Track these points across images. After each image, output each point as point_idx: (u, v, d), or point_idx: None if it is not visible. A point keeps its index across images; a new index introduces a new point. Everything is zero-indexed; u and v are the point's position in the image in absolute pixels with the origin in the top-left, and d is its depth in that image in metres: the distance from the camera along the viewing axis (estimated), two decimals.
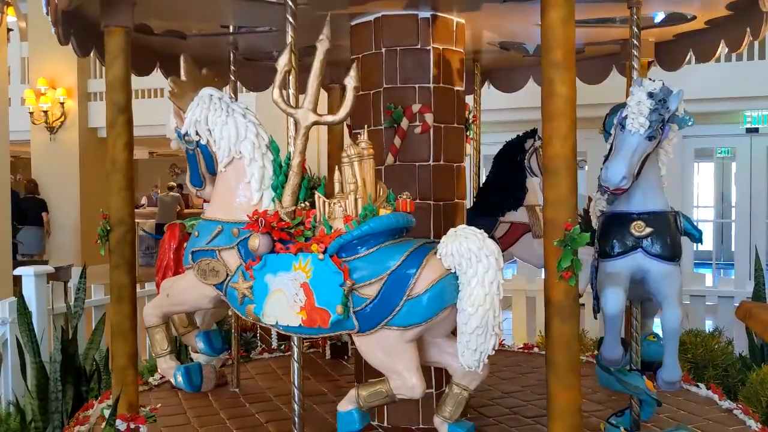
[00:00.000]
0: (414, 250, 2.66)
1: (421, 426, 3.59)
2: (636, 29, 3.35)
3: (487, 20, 3.94)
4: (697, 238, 3.29)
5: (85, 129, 11.79)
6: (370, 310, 2.63)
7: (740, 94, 8.32)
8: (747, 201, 9.78)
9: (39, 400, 4.05)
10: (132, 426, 3.45)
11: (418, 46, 3.62)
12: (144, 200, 15.93)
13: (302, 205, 2.85)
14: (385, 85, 3.62)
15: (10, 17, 5.91)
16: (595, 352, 3.57)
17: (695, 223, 3.42)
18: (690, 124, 3.09)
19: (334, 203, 2.74)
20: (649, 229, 2.92)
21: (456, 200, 3.82)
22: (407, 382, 2.65)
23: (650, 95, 2.81)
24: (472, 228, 2.66)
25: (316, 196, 2.80)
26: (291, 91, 2.94)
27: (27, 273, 4.54)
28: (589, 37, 4.30)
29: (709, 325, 5.51)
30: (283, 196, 2.88)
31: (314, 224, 2.78)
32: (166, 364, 3.26)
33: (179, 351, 4.62)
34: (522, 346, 5.43)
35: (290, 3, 3.00)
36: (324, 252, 2.64)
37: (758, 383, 4.11)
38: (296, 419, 2.99)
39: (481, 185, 5.20)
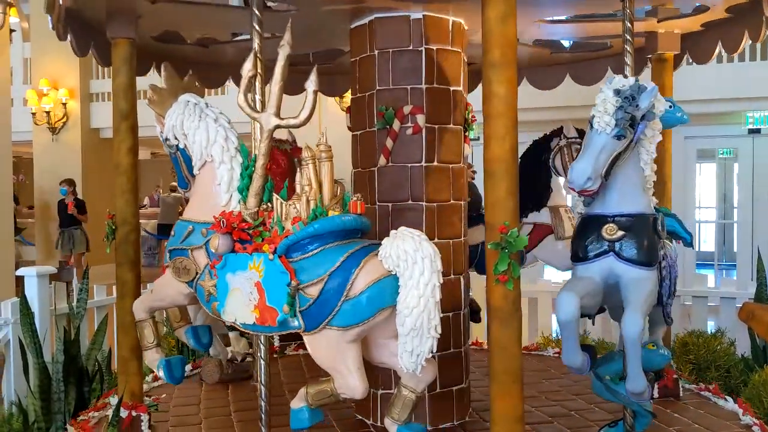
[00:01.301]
0: (355, 251, 2.68)
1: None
2: (629, 23, 3.25)
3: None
4: (689, 242, 3.20)
5: (87, 129, 11.82)
6: (313, 310, 2.66)
7: (742, 95, 8.30)
8: (749, 202, 9.78)
9: (42, 401, 4.07)
10: (134, 414, 3.55)
11: (410, 47, 3.60)
12: (146, 201, 15.95)
13: (265, 206, 2.94)
14: (377, 87, 3.63)
15: (13, 18, 5.92)
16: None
17: (686, 226, 3.32)
18: (681, 122, 3.05)
19: (290, 205, 2.80)
20: (621, 233, 2.80)
21: (452, 201, 3.76)
22: (348, 382, 2.69)
23: (617, 92, 2.72)
24: (411, 229, 2.67)
25: (274, 198, 2.87)
26: (258, 96, 3.06)
27: (29, 273, 4.56)
28: (603, 31, 4.20)
29: (711, 326, 5.53)
30: (248, 197, 2.99)
31: (272, 225, 2.84)
32: (152, 357, 3.34)
33: (180, 345, 4.70)
34: (523, 348, 5.42)
35: (255, 11, 3.11)
36: (274, 252, 2.71)
37: (760, 384, 4.11)
38: (262, 415, 3.16)
39: None
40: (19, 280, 4.91)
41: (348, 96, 4.55)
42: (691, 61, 4.34)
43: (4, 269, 5.19)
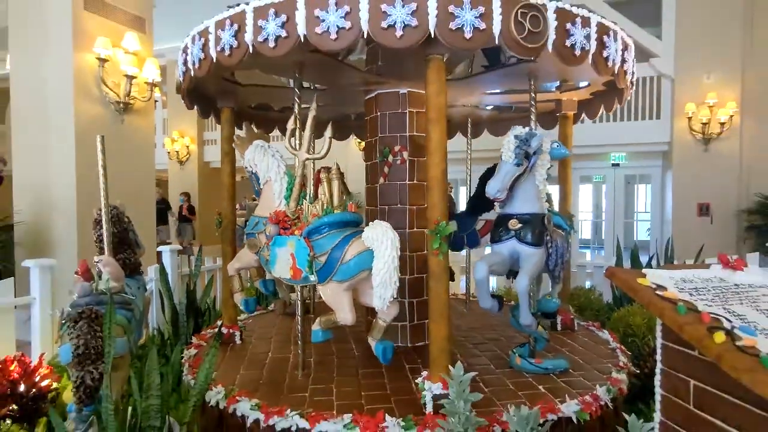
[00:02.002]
0: (347, 234, 2.72)
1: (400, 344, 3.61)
2: (533, 94, 3.18)
3: (450, 93, 3.82)
4: (567, 230, 3.11)
5: (202, 162, 11.93)
6: (323, 270, 2.71)
7: (608, 142, 8.38)
8: (612, 208, 9.88)
9: (172, 327, 4.14)
10: (231, 331, 3.71)
11: (400, 111, 3.61)
12: (238, 206, 16.00)
13: (300, 207, 2.99)
14: (379, 135, 3.66)
15: (157, 94, 6.03)
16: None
17: (572, 222, 3.31)
18: (565, 155, 2.96)
19: (312, 206, 2.88)
20: (520, 225, 2.80)
21: (426, 205, 3.62)
22: (342, 315, 2.75)
23: (515, 137, 2.72)
24: (382, 222, 2.69)
25: (304, 203, 2.96)
26: (297, 140, 3.06)
27: (165, 249, 4.64)
28: (537, 98, 3.94)
29: (588, 284, 5.56)
30: (289, 202, 3.08)
31: (303, 219, 2.90)
32: (237, 297, 3.53)
33: (257, 291, 4.64)
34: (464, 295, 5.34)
35: (296, 90, 3.12)
36: (301, 235, 2.77)
37: (618, 319, 4.14)
38: (299, 334, 3.13)
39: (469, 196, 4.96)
40: (159, 254, 5.01)
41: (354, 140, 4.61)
42: (583, 119, 4.15)
43: (150, 246, 5.26)
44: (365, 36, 2.24)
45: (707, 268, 1.67)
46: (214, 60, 2.65)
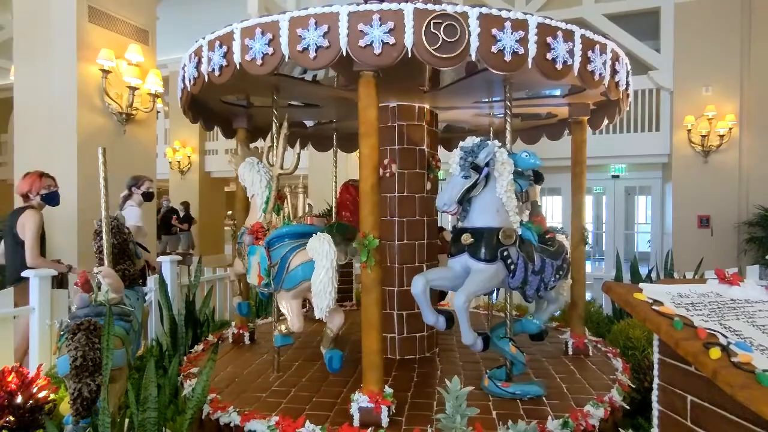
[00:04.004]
0: (294, 245, 2.81)
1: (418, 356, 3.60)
2: (509, 102, 2.99)
3: (446, 103, 3.73)
4: (533, 243, 2.80)
5: (203, 172, 11.98)
6: (275, 278, 2.84)
7: (608, 154, 8.41)
8: (612, 220, 9.88)
9: (170, 338, 4.10)
10: (241, 331, 4.01)
11: (389, 124, 3.60)
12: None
13: (275, 219, 3.16)
14: None
15: (159, 105, 6.08)
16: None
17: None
18: (536, 165, 2.76)
19: (278, 219, 3.06)
20: (471, 240, 2.59)
21: (417, 217, 3.61)
22: (291, 321, 2.89)
23: (461, 148, 2.57)
24: (323, 235, 2.72)
25: (274, 215, 3.12)
26: (274, 158, 3.21)
27: (164, 260, 4.64)
28: (539, 110, 3.92)
29: (588, 296, 5.52)
30: (265, 215, 3.20)
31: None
32: (236, 300, 3.79)
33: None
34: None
35: (275, 110, 3.29)
36: (262, 245, 2.92)
37: (618, 332, 4.11)
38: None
39: None
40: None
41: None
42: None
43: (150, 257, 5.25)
44: (287, 58, 2.32)
45: (704, 283, 1.67)
46: (206, 79, 2.72)
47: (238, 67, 2.50)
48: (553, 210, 10.56)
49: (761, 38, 7.77)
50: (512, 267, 2.60)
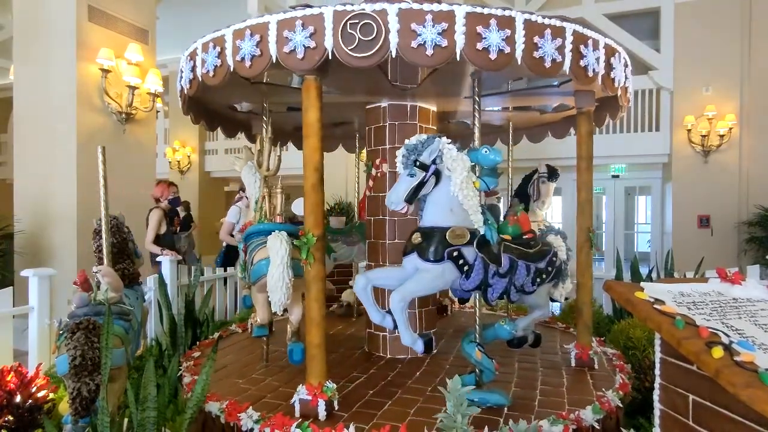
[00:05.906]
0: (258, 243, 2.94)
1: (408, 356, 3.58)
2: (477, 98, 2.85)
3: (448, 105, 3.75)
4: (490, 242, 2.57)
5: (203, 172, 11.97)
6: (247, 272, 3.03)
7: (608, 154, 8.37)
8: (612, 220, 9.84)
9: (170, 338, 4.10)
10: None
11: (381, 124, 3.64)
12: None
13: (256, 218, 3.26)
14: (367, 148, 3.80)
15: (159, 104, 6.09)
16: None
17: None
18: (495, 162, 2.57)
19: (258, 218, 3.19)
20: (420, 239, 2.49)
21: (409, 217, 3.33)
22: (259, 314, 3.11)
23: (405, 146, 2.47)
24: (279, 233, 2.78)
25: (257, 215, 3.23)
26: (264, 160, 3.32)
27: (164, 259, 4.63)
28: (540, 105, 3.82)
29: None
30: (255, 214, 3.30)
31: None
32: (244, 293, 4.04)
33: None
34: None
35: (264, 116, 3.34)
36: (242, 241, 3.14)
37: (618, 331, 4.10)
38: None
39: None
40: (157, 264, 4.95)
41: (363, 152, 4.62)
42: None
43: (146, 256, 5.25)
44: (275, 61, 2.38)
45: (705, 282, 1.67)
46: (200, 80, 2.72)
47: (230, 68, 2.51)
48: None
49: (761, 38, 7.76)
50: (465, 268, 2.46)
